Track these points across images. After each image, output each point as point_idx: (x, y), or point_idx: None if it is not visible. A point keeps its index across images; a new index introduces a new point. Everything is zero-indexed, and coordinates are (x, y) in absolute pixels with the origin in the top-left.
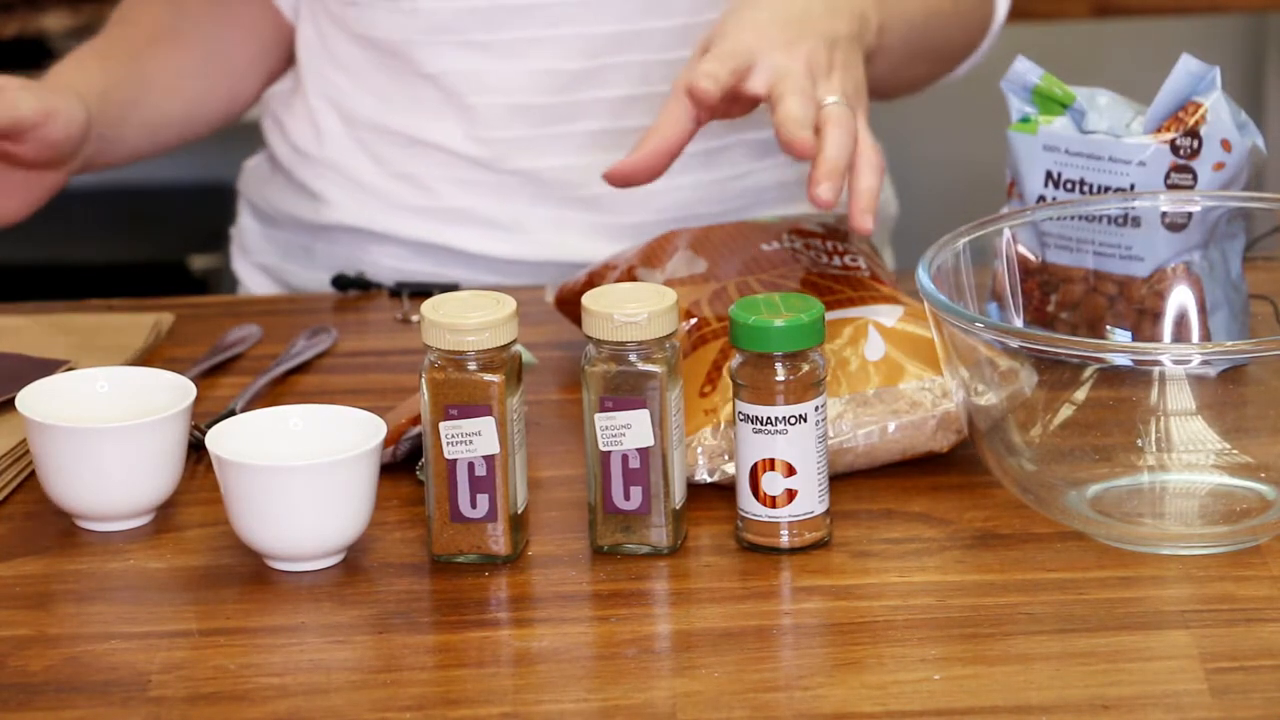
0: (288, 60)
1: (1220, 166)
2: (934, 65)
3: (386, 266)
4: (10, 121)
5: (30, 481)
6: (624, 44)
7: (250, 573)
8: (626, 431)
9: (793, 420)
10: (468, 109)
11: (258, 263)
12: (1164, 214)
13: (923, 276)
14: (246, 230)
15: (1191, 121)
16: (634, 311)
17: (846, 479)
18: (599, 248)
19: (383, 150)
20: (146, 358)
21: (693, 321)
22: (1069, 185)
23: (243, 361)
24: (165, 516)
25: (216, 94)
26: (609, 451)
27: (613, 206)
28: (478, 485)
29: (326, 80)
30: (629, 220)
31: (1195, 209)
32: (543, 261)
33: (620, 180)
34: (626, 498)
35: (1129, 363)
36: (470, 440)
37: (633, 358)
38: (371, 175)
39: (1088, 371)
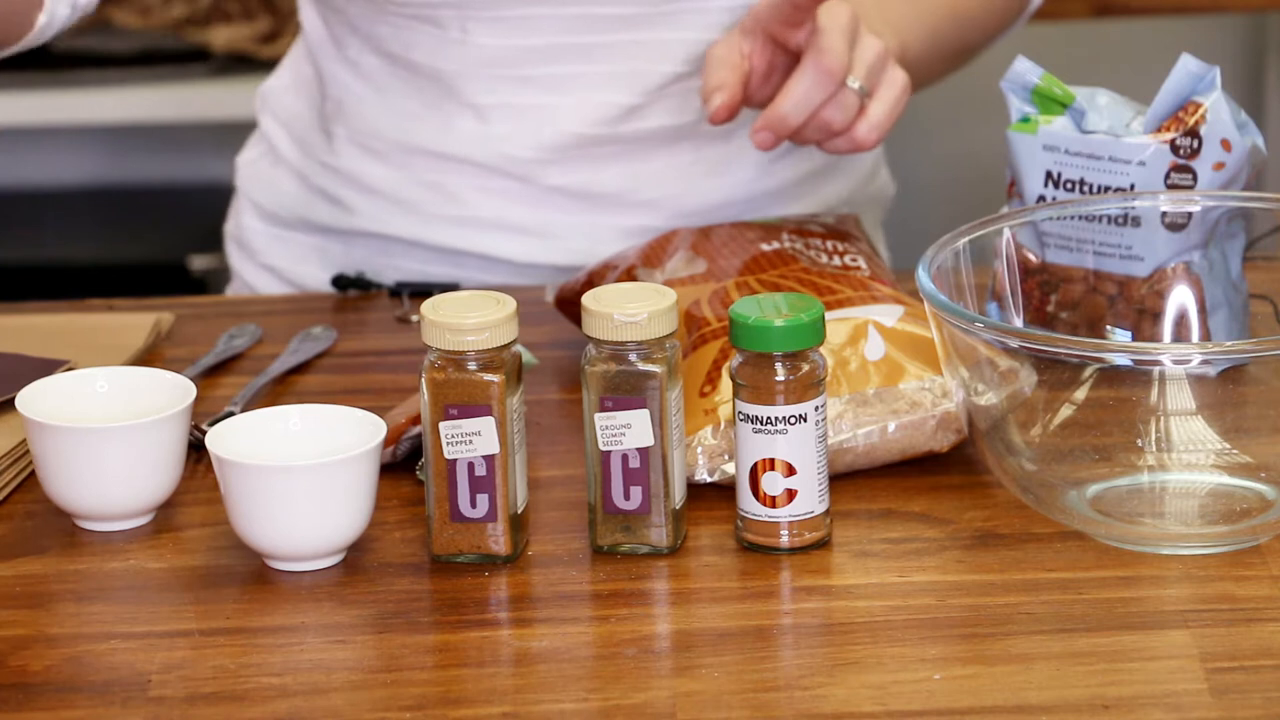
0: None
1: (1220, 166)
2: (957, 59)
3: (412, 270)
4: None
5: (30, 481)
6: (679, 81)
7: (250, 573)
8: (626, 431)
9: (793, 420)
10: (505, 138)
11: (265, 264)
12: (1164, 214)
13: (923, 276)
14: (250, 231)
15: (1191, 121)
16: (634, 311)
17: (846, 479)
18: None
19: (406, 159)
20: (146, 358)
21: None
22: (1069, 185)
23: (243, 361)
24: (165, 516)
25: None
26: (609, 451)
27: (643, 207)
28: (478, 485)
29: (341, 85)
30: (648, 223)
31: (1195, 209)
32: (574, 266)
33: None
34: (626, 497)
35: (1129, 363)
36: (470, 440)
37: (633, 357)
38: (394, 183)
39: (1088, 371)
